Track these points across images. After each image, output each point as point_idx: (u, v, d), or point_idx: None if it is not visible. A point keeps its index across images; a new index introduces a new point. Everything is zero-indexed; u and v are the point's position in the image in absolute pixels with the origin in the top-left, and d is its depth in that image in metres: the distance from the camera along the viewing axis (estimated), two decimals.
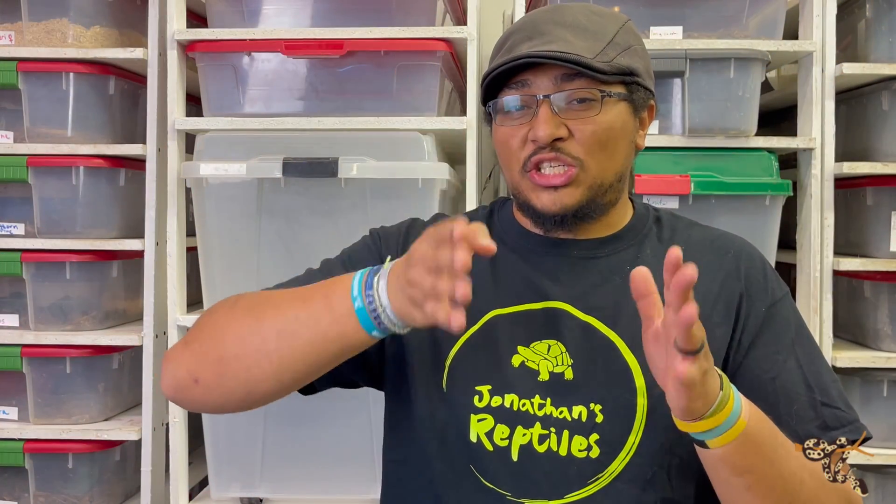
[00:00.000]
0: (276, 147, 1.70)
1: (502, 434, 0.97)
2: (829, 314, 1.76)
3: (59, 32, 1.85)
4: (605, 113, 0.98)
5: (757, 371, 0.99)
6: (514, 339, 1.00)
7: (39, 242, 1.84)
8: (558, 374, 0.98)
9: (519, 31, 1.02)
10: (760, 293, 1.03)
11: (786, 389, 0.99)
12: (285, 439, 1.76)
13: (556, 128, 0.97)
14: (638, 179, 1.69)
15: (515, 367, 0.99)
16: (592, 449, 0.95)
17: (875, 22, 1.81)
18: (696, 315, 0.73)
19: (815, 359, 1.03)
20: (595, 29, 1.00)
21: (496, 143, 1.03)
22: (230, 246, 1.71)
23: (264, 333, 0.91)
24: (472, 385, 0.99)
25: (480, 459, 0.97)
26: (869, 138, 1.85)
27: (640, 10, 1.79)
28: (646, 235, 1.07)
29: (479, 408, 0.98)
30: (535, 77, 0.98)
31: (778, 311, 1.03)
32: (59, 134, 1.85)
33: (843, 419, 0.99)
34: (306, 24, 1.81)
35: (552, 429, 0.96)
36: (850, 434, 0.97)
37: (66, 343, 1.83)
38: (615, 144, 1.00)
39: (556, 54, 0.95)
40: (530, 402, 0.98)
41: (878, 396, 1.78)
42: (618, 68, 0.98)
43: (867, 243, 1.83)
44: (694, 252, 1.05)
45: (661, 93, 1.77)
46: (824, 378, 1.01)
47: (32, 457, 1.82)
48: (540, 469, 0.96)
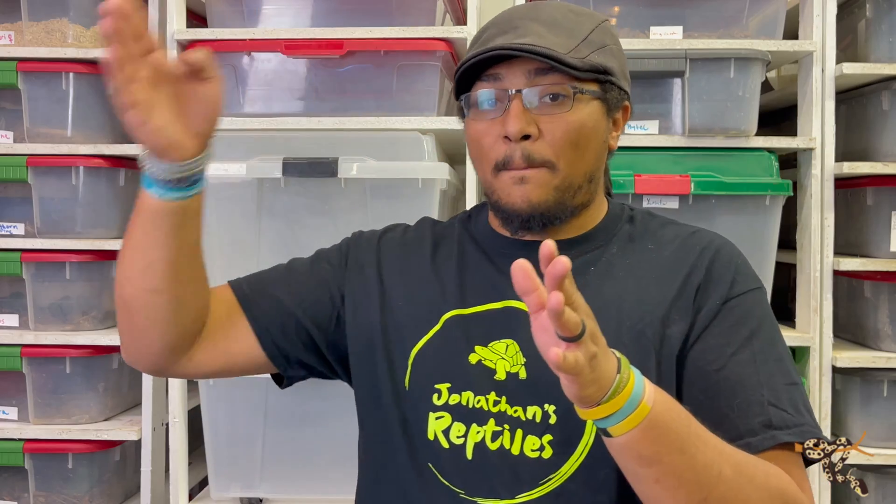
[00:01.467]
0: (276, 147, 1.70)
1: (458, 432, 0.97)
2: (829, 314, 1.76)
3: (59, 32, 1.85)
4: (577, 111, 0.97)
5: (701, 362, 0.96)
6: (473, 339, 1.00)
7: (39, 242, 1.84)
8: (513, 374, 0.98)
9: (494, 26, 1.01)
10: (719, 286, 1.00)
11: (730, 382, 0.94)
12: (285, 439, 1.76)
13: (527, 124, 0.96)
14: (638, 179, 1.69)
15: (473, 365, 0.99)
16: (545, 449, 0.94)
17: (875, 22, 1.81)
18: (562, 302, 0.70)
19: (774, 360, 0.98)
20: (570, 26, 0.99)
21: (468, 139, 1.03)
22: (230, 246, 1.71)
23: (119, 266, 1.01)
24: (432, 383, 0.99)
25: (437, 457, 0.97)
26: (869, 138, 1.85)
27: (640, 10, 1.79)
28: (615, 235, 1.06)
29: (438, 406, 0.98)
30: (507, 71, 0.97)
31: (738, 305, 0.99)
32: (58, 134, 1.85)
33: (788, 421, 0.93)
34: (306, 24, 1.81)
35: (506, 426, 0.96)
36: (793, 436, 0.92)
37: (65, 343, 1.83)
38: (586, 144, 0.99)
39: (527, 47, 0.94)
40: (485, 399, 0.97)
41: (878, 396, 1.78)
42: (591, 65, 0.97)
43: (867, 243, 1.83)
44: (660, 251, 1.04)
45: (661, 93, 1.77)
46: (777, 379, 0.96)
47: (32, 457, 1.82)
48: (493, 468, 0.95)
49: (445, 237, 1.11)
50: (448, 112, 1.86)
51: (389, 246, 1.11)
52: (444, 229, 1.13)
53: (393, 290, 1.06)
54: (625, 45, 1.72)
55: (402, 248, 1.10)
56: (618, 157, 1.74)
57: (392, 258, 1.09)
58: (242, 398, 1.74)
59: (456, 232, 1.11)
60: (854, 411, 1.80)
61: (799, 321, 1.81)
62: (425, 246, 1.09)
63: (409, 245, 1.10)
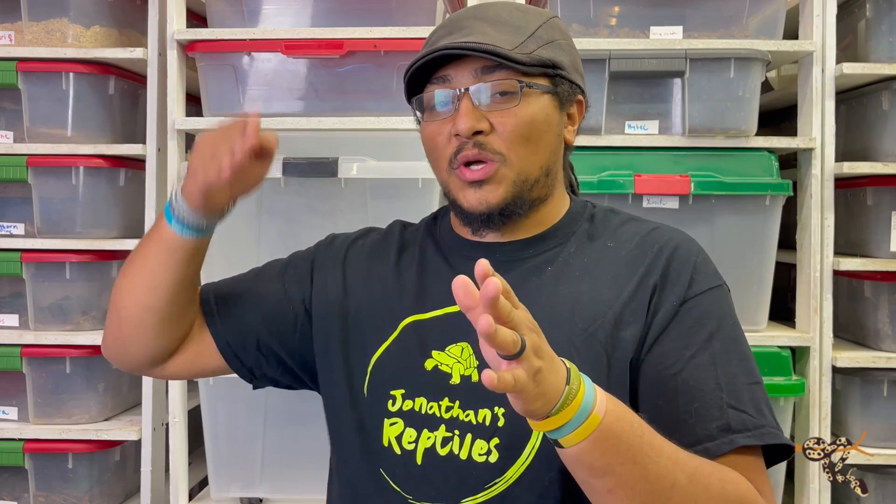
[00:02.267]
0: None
1: (410, 438, 0.98)
2: (829, 314, 1.76)
3: (59, 32, 1.85)
4: (527, 105, 0.97)
5: (659, 367, 0.94)
6: (429, 344, 1.00)
7: (39, 242, 1.84)
8: (467, 377, 0.97)
9: (441, 28, 1.02)
10: (676, 287, 0.97)
11: (688, 386, 0.92)
12: (285, 439, 1.76)
13: (477, 121, 0.96)
14: (638, 179, 1.69)
15: (428, 371, 0.99)
16: (492, 453, 0.94)
17: (875, 22, 1.81)
18: (491, 324, 0.69)
19: (735, 360, 0.96)
20: (517, 23, 0.99)
21: (423, 141, 1.03)
22: (230, 246, 1.71)
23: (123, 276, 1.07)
24: (388, 389, 1.00)
25: (389, 463, 0.98)
26: (869, 138, 1.85)
27: (640, 10, 1.79)
28: (573, 233, 1.05)
29: (392, 412, 0.99)
30: (455, 72, 0.98)
31: (696, 306, 0.97)
32: (59, 134, 1.85)
33: (748, 423, 0.91)
34: (306, 24, 1.81)
35: (456, 431, 0.96)
36: (753, 439, 0.90)
37: (65, 343, 1.83)
38: (538, 137, 0.98)
39: (471, 45, 0.94)
40: (437, 405, 0.97)
41: (878, 396, 1.78)
42: (539, 60, 0.97)
43: (867, 243, 1.83)
44: (619, 249, 1.02)
45: (661, 93, 1.77)
46: (738, 380, 0.94)
47: (32, 457, 1.82)
48: (440, 472, 0.95)
49: (411, 241, 1.12)
50: None
51: (357, 253, 1.12)
52: (412, 233, 1.13)
53: (355, 298, 1.07)
54: (625, 45, 1.75)
55: (368, 255, 1.11)
56: (618, 157, 1.75)
57: (358, 265, 1.10)
58: (242, 398, 1.74)
59: (420, 235, 1.11)
60: (854, 411, 1.80)
61: (799, 321, 1.82)
62: (391, 252, 1.10)
63: (375, 251, 1.11)
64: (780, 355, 1.71)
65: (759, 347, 1.71)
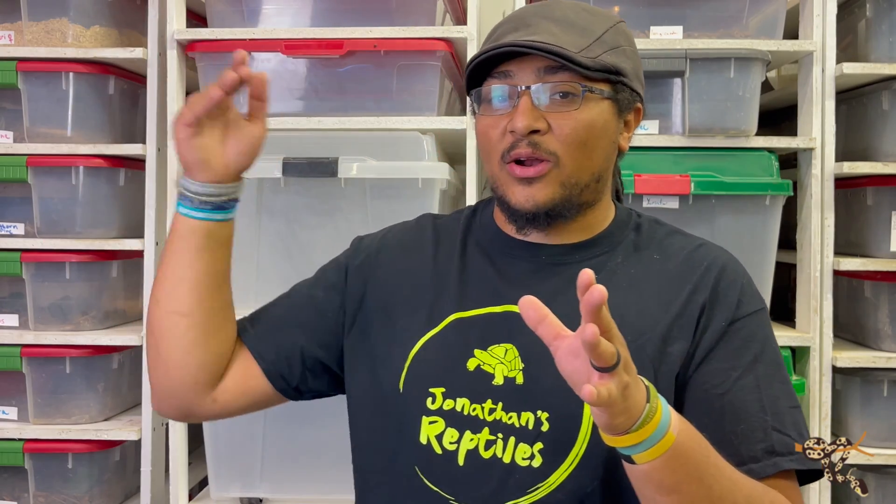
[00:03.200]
0: (276, 147, 1.70)
1: (451, 438, 0.96)
2: (829, 314, 1.76)
3: (59, 32, 1.85)
4: (587, 109, 0.96)
5: (706, 385, 0.96)
6: (472, 343, 0.99)
7: (39, 242, 1.83)
8: (511, 379, 0.97)
9: (507, 23, 1.01)
10: (724, 307, 0.99)
11: (734, 407, 0.95)
12: (285, 439, 1.76)
13: (535, 120, 0.95)
14: (638, 179, 1.69)
15: (471, 371, 0.98)
16: (535, 458, 0.94)
17: (875, 22, 1.81)
18: (597, 333, 0.71)
19: (777, 382, 0.98)
20: (583, 25, 0.99)
21: (478, 133, 1.02)
22: None
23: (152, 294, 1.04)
24: (427, 387, 0.98)
25: (427, 462, 0.96)
26: (869, 138, 1.85)
27: (640, 10, 1.79)
28: (620, 243, 1.05)
29: (432, 410, 0.97)
30: (518, 68, 0.97)
31: (743, 327, 0.99)
32: (58, 134, 1.85)
33: (790, 446, 0.94)
34: (306, 24, 1.81)
35: (499, 434, 0.95)
36: (796, 463, 0.93)
37: (65, 343, 1.83)
38: (594, 143, 0.98)
39: (537, 44, 0.93)
40: (481, 407, 0.96)
41: (878, 396, 1.78)
42: (603, 65, 0.96)
43: (867, 243, 1.83)
44: (665, 262, 1.03)
45: (661, 93, 1.77)
46: (780, 403, 0.97)
47: (32, 457, 1.82)
48: (483, 475, 0.94)
49: (448, 234, 1.10)
50: (448, 112, 1.86)
51: (390, 248, 1.10)
52: (447, 225, 1.12)
53: (390, 293, 1.06)
54: None
55: (402, 250, 1.10)
56: None
57: (391, 260, 1.09)
58: None
59: (460, 228, 1.10)
60: (854, 411, 1.80)
61: (799, 321, 1.81)
62: (426, 245, 1.09)
63: (409, 245, 1.10)
64: None
65: None
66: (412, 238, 1.11)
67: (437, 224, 1.12)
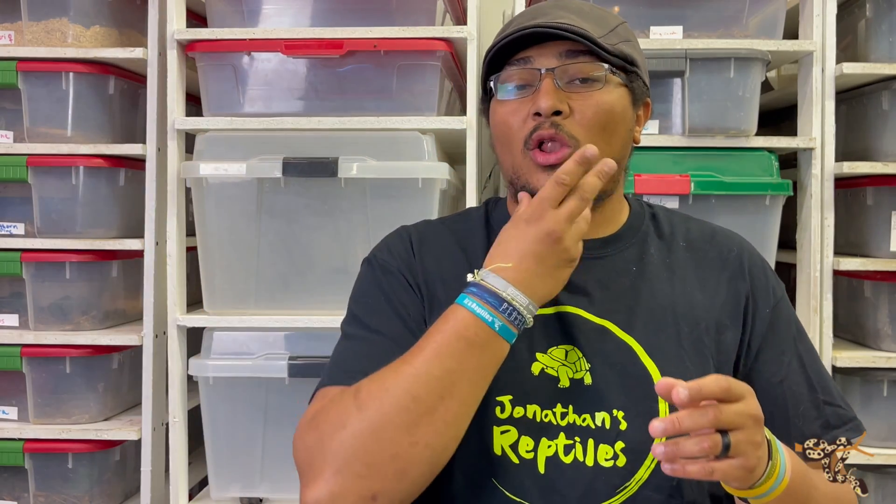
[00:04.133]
0: (276, 147, 1.70)
1: (527, 446, 0.94)
2: (829, 314, 1.76)
3: (59, 32, 1.85)
4: (608, 93, 0.97)
5: (767, 375, 1.00)
6: (532, 347, 0.98)
7: (39, 242, 1.83)
8: (578, 380, 0.96)
9: (522, 15, 1.02)
10: (764, 294, 1.03)
11: (792, 391, 1.00)
12: (285, 439, 1.76)
13: (559, 101, 0.95)
14: (638, 179, 1.69)
15: (535, 376, 0.97)
16: (619, 458, 0.94)
17: (875, 22, 1.81)
18: (670, 453, 0.76)
19: (815, 356, 1.04)
20: (599, 16, 1.01)
21: (495, 124, 1.01)
22: (230, 246, 1.71)
23: (422, 401, 0.85)
24: (493, 396, 0.95)
25: (505, 472, 0.94)
26: (869, 138, 1.85)
27: (640, 10, 1.79)
28: (646, 233, 1.06)
29: (502, 419, 0.95)
30: (538, 53, 0.97)
31: (781, 311, 1.04)
32: (58, 134, 1.85)
33: (843, 417, 1.01)
34: (306, 24, 1.81)
35: (577, 438, 0.94)
36: (851, 433, 0.99)
37: (65, 343, 1.83)
38: (615, 128, 0.98)
39: (563, 25, 0.94)
40: (552, 413, 0.95)
41: (878, 396, 1.78)
42: (621, 53, 0.98)
43: (867, 243, 1.83)
44: (694, 251, 1.05)
45: (661, 93, 1.77)
46: (824, 376, 1.03)
47: (32, 457, 1.82)
48: (567, 480, 0.93)
49: (469, 236, 1.07)
50: (448, 112, 1.86)
51: (425, 256, 1.05)
52: (466, 232, 1.07)
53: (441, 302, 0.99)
54: None
55: (434, 259, 1.04)
56: None
57: (432, 269, 1.03)
58: (242, 398, 1.74)
59: (480, 229, 1.07)
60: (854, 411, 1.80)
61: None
62: (455, 251, 1.05)
63: (438, 252, 1.05)
64: None
65: None
66: (438, 245, 1.06)
67: (454, 228, 1.09)
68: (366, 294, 1.04)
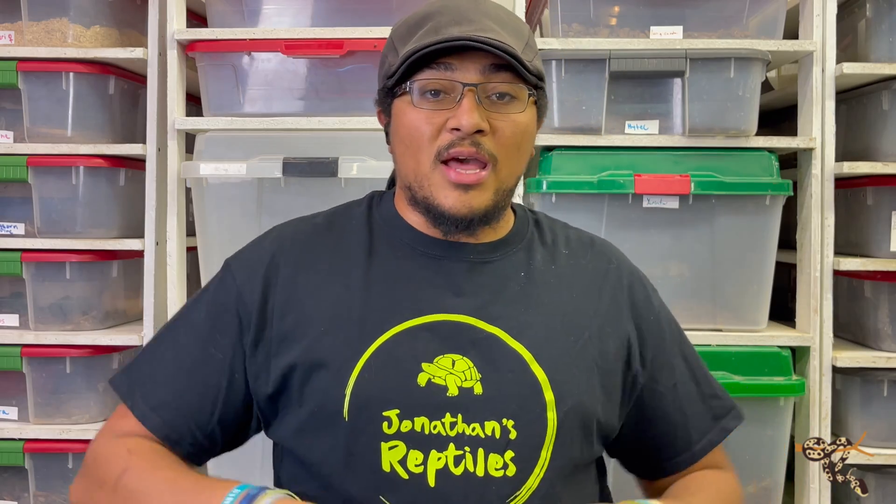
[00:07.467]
0: (276, 147, 1.70)
1: (416, 460, 0.91)
2: (829, 314, 1.76)
3: (59, 32, 1.85)
4: (525, 114, 0.96)
5: (663, 381, 1.04)
6: (417, 356, 0.94)
7: (39, 242, 1.84)
8: (467, 389, 0.93)
9: (442, 14, 0.96)
10: (646, 304, 1.06)
11: (686, 391, 1.06)
12: None
13: (481, 119, 0.92)
14: (638, 179, 1.69)
15: (422, 387, 0.93)
16: (509, 467, 0.92)
17: (875, 22, 1.81)
18: None
19: (693, 350, 1.09)
20: (515, 27, 0.98)
21: (403, 125, 0.96)
22: (230, 246, 1.69)
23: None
24: (380, 411, 0.92)
25: (395, 489, 0.91)
26: (869, 138, 1.85)
27: (640, 10, 1.79)
28: (531, 240, 1.05)
29: (389, 434, 0.91)
30: (461, 62, 0.93)
31: (660, 315, 1.07)
32: (59, 134, 1.85)
33: (726, 406, 1.08)
34: (306, 24, 1.81)
35: (466, 448, 0.92)
36: (733, 421, 1.07)
37: (65, 343, 1.83)
38: (527, 147, 0.98)
39: (491, 41, 0.91)
40: (441, 423, 0.92)
41: (878, 396, 1.78)
42: (537, 71, 0.97)
43: (867, 243, 1.83)
44: (577, 258, 1.05)
45: (661, 93, 1.77)
46: (704, 368, 1.08)
47: (32, 457, 1.82)
48: (459, 492, 0.91)
49: (350, 238, 1.02)
50: None
51: (289, 271, 1.00)
52: (345, 229, 1.03)
53: (309, 317, 0.97)
54: (624, 45, 1.74)
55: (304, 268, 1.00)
56: (618, 157, 1.75)
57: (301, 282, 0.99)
58: None
59: (365, 234, 1.02)
60: (854, 411, 1.80)
61: (799, 321, 1.81)
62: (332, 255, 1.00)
63: (312, 260, 1.01)
64: (780, 355, 1.71)
65: (759, 347, 1.71)
66: (312, 253, 1.01)
67: (333, 224, 1.04)
68: (198, 304, 1.03)
